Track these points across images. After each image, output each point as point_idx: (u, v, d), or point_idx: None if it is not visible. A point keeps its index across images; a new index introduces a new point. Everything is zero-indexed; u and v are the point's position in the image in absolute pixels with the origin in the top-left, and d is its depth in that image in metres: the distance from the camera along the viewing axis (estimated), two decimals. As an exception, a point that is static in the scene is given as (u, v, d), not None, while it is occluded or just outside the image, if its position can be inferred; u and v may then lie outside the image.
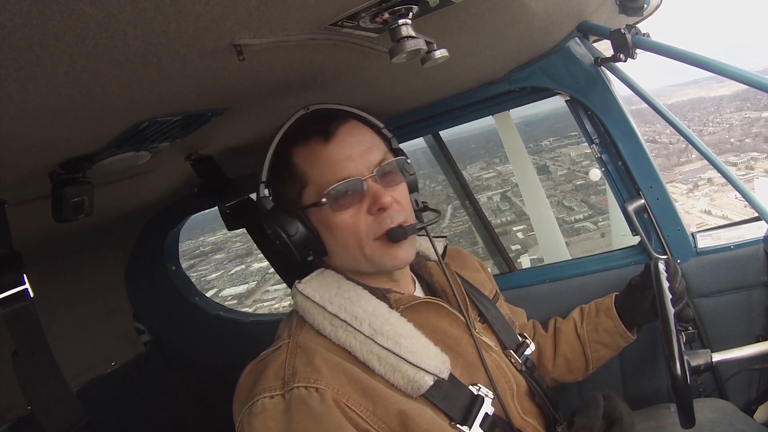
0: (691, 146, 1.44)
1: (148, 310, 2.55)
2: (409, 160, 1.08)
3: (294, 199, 1.01)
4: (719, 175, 1.45)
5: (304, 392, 0.85)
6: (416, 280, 1.17)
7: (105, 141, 0.99)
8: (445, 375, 0.95)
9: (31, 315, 0.99)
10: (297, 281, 1.01)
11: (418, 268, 1.20)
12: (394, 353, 0.91)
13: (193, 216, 2.39)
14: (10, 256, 1.00)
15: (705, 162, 1.41)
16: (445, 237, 1.25)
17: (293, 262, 1.01)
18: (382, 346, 0.91)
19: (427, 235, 1.12)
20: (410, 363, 0.91)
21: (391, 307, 0.99)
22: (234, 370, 0.99)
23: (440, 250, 1.17)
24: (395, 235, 0.96)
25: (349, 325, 0.93)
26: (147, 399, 2.48)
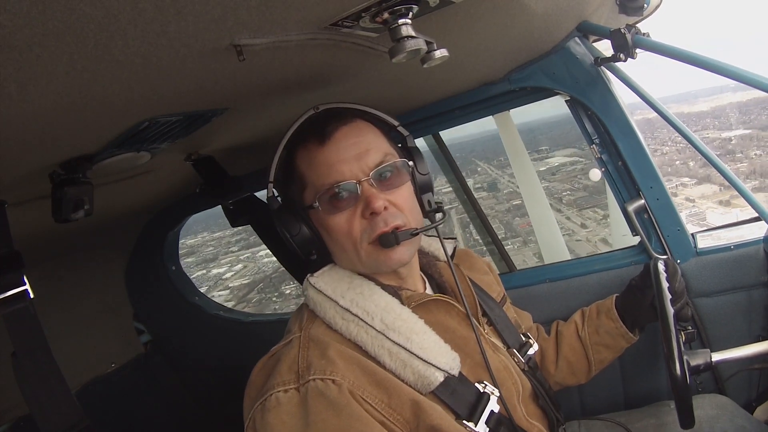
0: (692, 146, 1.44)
1: (148, 310, 2.55)
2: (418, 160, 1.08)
3: (297, 200, 1.02)
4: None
5: (320, 384, 0.85)
6: (426, 280, 1.17)
7: (105, 141, 0.99)
8: (455, 372, 0.95)
9: (31, 316, 0.98)
10: (309, 275, 1.01)
11: (428, 267, 1.20)
12: (405, 349, 0.91)
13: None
14: (10, 256, 1.00)
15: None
16: (455, 238, 1.25)
17: (300, 259, 1.03)
18: (394, 342, 0.92)
19: (438, 236, 1.11)
20: (421, 359, 0.91)
21: (402, 303, 0.99)
22: (234, 370, 0.99)
23: (450, 251, 1.16)
24: (386, 241, 0.95)
25: (361, 319, 0.93)
26: (147, 399, 2.47)
